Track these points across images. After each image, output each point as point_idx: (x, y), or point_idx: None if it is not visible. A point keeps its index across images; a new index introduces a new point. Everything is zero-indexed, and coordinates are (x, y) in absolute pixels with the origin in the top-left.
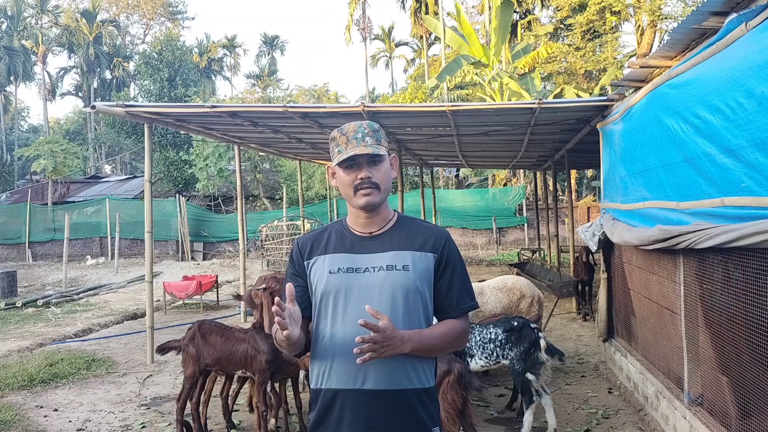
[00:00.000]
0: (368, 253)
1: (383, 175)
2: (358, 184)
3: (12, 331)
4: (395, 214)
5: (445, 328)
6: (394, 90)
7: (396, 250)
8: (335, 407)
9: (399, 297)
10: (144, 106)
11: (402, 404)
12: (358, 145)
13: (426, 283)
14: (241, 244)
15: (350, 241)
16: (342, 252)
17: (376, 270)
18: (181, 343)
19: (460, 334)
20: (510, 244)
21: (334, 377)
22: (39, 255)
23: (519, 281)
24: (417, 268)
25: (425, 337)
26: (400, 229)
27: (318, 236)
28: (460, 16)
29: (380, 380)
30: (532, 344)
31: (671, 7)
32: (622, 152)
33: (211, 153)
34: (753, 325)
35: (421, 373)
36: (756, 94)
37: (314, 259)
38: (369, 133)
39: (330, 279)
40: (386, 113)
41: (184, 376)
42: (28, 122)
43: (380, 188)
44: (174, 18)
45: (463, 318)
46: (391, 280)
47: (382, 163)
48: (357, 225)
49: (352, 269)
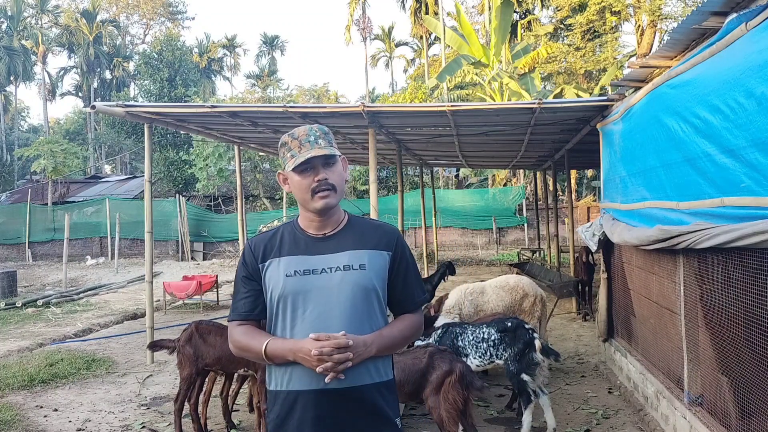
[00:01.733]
0: (323, 254)
1: (338, 177)
2: (315, 186)
3: (12, 331)
4: (345, 214)
5: (403, 324)
6: (394, 90)
7: (351, 249)
8: (297, 408)
9: (358, 296)
10: (144, 106)
11: (364, 400)
12: (312, 148)
13: (381, 280)
14: (241, 244)
15: (304, 242)
16: (297, 254)
17: (333, 270)
18: (177, 344)
19: (417, 327)
20: (510, 244)
21: (296, 379)
22: (39, 255)
23: (522, 280)
24: (374, 267)
25: (386, 337)
26: (353, 228)
27: (270, 238)
28: (460, 16)
29: (342, 379)
30: (526, 345)
31: (671, 7)
32: (622, 152)
33: (211, 153)
34: (753, 325)
35: (381, 366)
36: (756, 94)
37: (268, 262)
38: (321, 135)
39: (287, 282)
40: (386, 113)
41: (180, 378)
42: (28, 122)
43: (336, 189)
44: (174, 18)
45: (418, 311)
46: (349, 280)
47: (335, 164)
48: (311, 227)
49: (308, 271)
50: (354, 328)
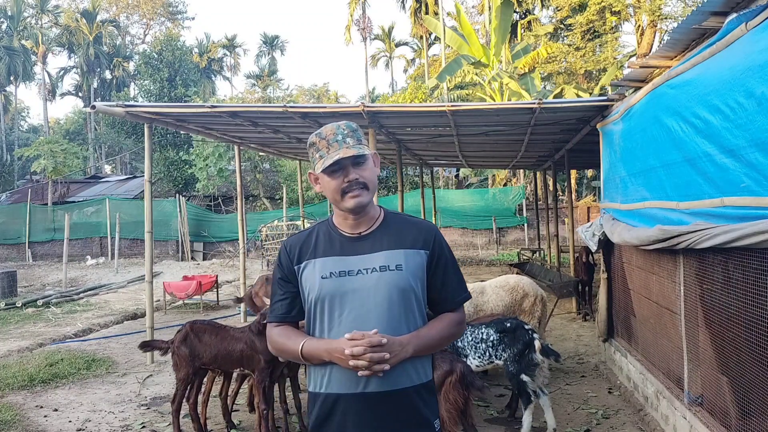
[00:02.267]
0: (359, 255)
1: (369, 174)
2: (345, 187)
3: (12, 331)
4: (381, 211)
5: (442, 324)
6: (394, 90)
7: (387, 249)
8: (337, 411)
9: (395, 297)
10: (144, 106)
11: (404, 403)
12: (340, 148)
13: (419, 280)
14: (241, 244)
15: (339, 243)
16: (332, 255)
17: (369, 272)
18: (171, 345)
19: (458, 326)
20: (510, 244)
21: (335, 382)
22: (39, 255)
23: (522, 280)
24: (410, 267)
25: (424, 337)
26: (389, 227)
27: (305, 239)
28: (460, 16)
29: (382, 382)
30: (526, 345)
31: (671, 7)
32: (622, 152)
33: (211, 153)
34: (753, 325)
35: (420, 368)
36: (756, 94)
37: (304, 263)
38: (349, 133)
39: (323, 284)
40: (386, 113)
41: (176, 378)
42: (28, 122)
43: (368, 188)
44: (174, 18)
45: (460, 309)
46: (386, 281)
47: (366, 162)
48: (345, 226)
49: (344, 272)
50: (391, 329)
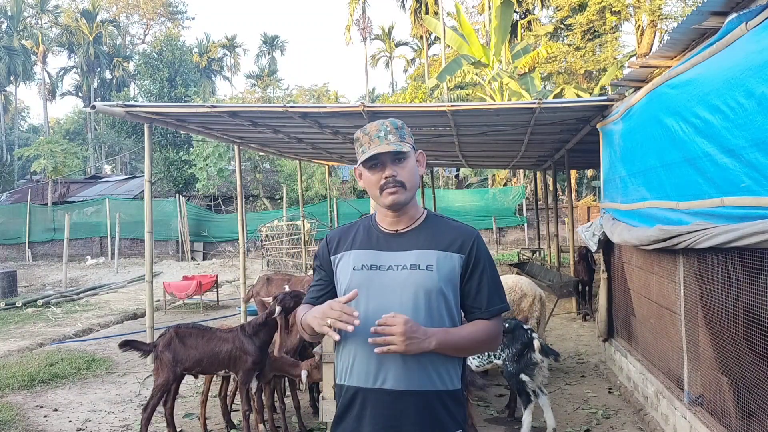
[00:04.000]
0: (393, 251)
1: (408, 173)
2: (383, 183)
3: (12, 331)
4: (425, 211)
5: (474, 328)
6: (394, 90)
7: (421, 249)
8: (356, 404)
9: (421, 297)
10: (144, 106)
11: (422, 406)
12: (380, 144)
13: (450, 284)
14: (241, 244)
15: (376, 237)
16: (367, 248)
17: (399, 269)
18: (154, 349)
19: (491, 336)
20: (510, 244)
21: (355, 375)
22: (39, 255)
23: (520, 280)
24: (441, 269)
25: (452, 335)
26: (428, 227)
27: (346, 231)
28: (460, 16)
29: (400, 381)
30: (525, 345)
31: (671, 7)
32: (622, 152)
33: (211, 153)
34: (753, 325)
35: (444, 374)
36: (756, 94)
37: (341, 254)
38: (392, 130)
39: (353, 276)
40: (386, 113)
41: (155, 384)
42: (28, 122)
43: (406, 186)
44: (174, 18)
45: (495, 319)
46: (414, 280)
47: (406, 160)
48: (384, 222)
49: (375, 266)
50: None
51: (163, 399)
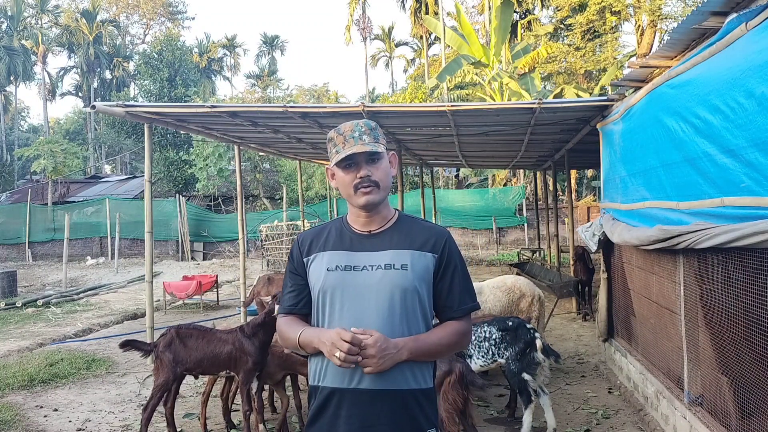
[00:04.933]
0: (367, 252)
1: (382, 173)
2: (357, 183)
3: (12, 331)
4: (396, 212)
5: (444, 332)
6: (394, 90)
7: (395, 249)
8: (331, 405)
9: (396, 297)
10: (144, 106)
11: (398, 405)
12: (355, 144)
13: (425, 283)
14: (241, 244)
15: (349, 238)
16: (341, 249)
17: (374, 269)
18: (155, 349)
19: (461, 336)
20: (510, 244)
21: (330, 376)
22: (39, 255)
23: (519, 280)
24: (416, 268)
25: (422, 343)
26: (400, 228)
27: (318, 233)
28: (460, 16)
29: (376, 380)
30: (527, 344)
31: (671, 7)
32: (622, 152)
33: (211, 153)
34: (753, 325)
35: (418, 373)
36: (756, 94)
37: (313, 255)
38: (366, 131)
39: (327, 277)
40: (386, 113)
41: (155, 384)
42: (28, 122)
43: (380, 186)
44: (174, 18)
45: (464, 319)
46: (389, 279)
47: (380, 161)
48: (357, 223)
49: (349, 267)
50: (390, 328)
51: (163, 399)
